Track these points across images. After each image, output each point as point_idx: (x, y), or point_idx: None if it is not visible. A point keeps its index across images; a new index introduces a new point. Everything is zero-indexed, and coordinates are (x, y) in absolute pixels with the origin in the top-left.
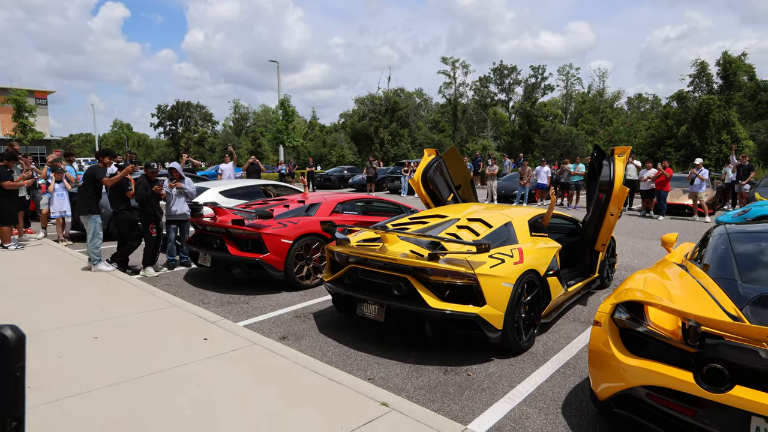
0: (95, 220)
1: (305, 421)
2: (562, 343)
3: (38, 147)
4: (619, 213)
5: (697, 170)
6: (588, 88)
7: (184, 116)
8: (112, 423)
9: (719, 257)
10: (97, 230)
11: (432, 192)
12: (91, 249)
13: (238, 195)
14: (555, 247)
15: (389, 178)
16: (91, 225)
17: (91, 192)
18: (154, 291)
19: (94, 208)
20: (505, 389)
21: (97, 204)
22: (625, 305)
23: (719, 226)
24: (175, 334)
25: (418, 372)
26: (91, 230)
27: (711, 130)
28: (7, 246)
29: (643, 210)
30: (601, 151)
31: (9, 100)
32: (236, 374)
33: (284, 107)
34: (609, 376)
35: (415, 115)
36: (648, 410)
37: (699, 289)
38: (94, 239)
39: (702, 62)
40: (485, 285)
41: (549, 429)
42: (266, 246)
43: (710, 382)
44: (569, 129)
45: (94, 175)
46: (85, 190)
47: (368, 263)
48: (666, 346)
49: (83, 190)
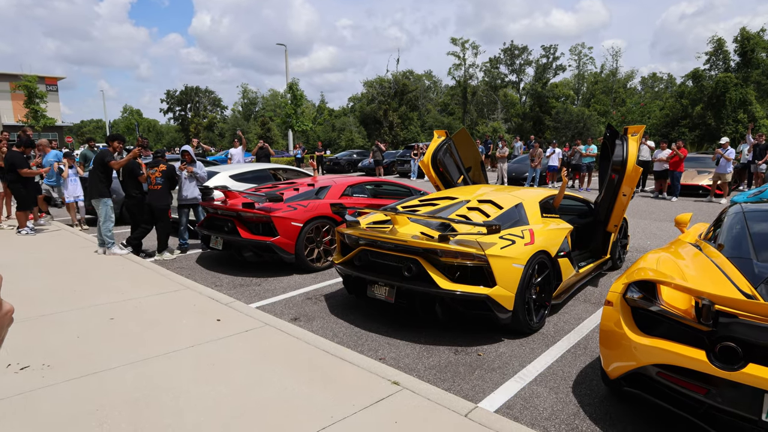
0: (106, 204)
1: (317, 398)
2: (573, 323)
3: (50, 133)
4: (632, 193)
5: (722, 150)
6: (601, 68)
7: (193, 101)
8: (129, 400)
9: (734, 236)
10: (108, 214)
11: (442, 174)
12: (104, 232)
13: (248, 179)
14: (566, 228)
15: (398, 161)
16: (102, 208)
17: (102, 176)
18: (168, 274)
19: (104, 192)
20: (516, 369)
21: (107, 188)
22: (637, 284)
23: (734, 205)
24: (189, 315)
25: (429, 352)
26: (102, 214)
27: (727, 109)
28: (21, 230)
29: (656, 191)
30: (614, 131)
31: (20, 87)
32: (249, 353)
33: (293, 91)
34: (620, 355)
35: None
36: (659, 389)
37: (713, 268)
38: (106, 222)
39: (719, 39)
40: (496, 266)
41: (559, 408)
42: (277, 229)
43: (723, 361)
44: (581, 110)
45: (104, 158)
46: (96, 174)
47: (378, 245)
48: (678, 325)
49: (94, 174)
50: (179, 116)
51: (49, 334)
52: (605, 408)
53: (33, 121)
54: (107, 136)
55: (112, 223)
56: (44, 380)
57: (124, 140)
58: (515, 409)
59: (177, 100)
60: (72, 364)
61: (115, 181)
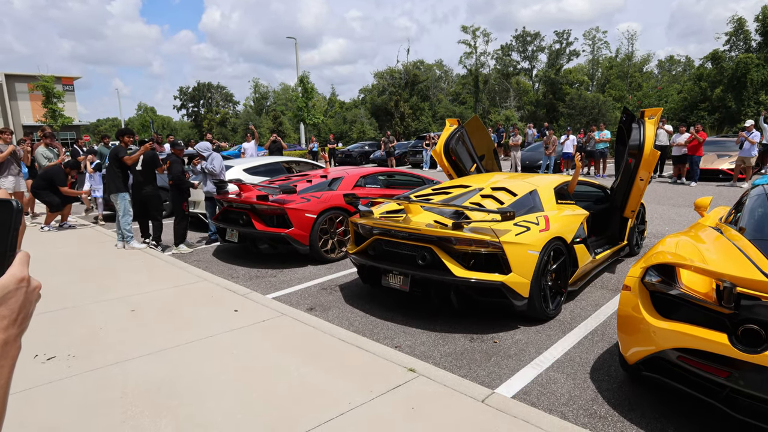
0: (124, 198)
1: (335, 385)
2: (590, 310)
3: (68, 132)
4: (649, 178)
5: (747, 133)
6: (616, 52)
7: (205, 97)
8: (150, 389)
9: (757, 218)
10: (126, 208)
11: (454, 163)
12: (123, 226)
13: (261, 172)
14: (582, 214)
15: (410, 152)
16: (120, 203)
17: (118, 171)
18: (185, 266)
19: (121, 187)
20: (532, 356)
21: (124, 182)
22: (655, 268)
23: (756, 188)
24: (207, 306)
25: (444, 340)
26: (121, 208)
27: (748, 91)
28: (43, 227)
29: (675, 177)
30: (631, 114)
31: (38, 87)
32: (267, 343)
33: (303, 84)
34: (639, 340)
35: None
36: (679, 373)
37: (735, 250)
38: (125, 216)
39: (739, 18)
40: (510, 253)
41: (577, 393)
42: (291, 221)
43: (746, 344)
44: (596, 96)
45: (117, 154)
46: (112, 169)
47: (392, 234)
48: (699, 309)
49: (110, 170)
50: (192, 112)
51: (73, 326)
52: (624, 393)
53: (51, 120)
54: (117, 132)
55: (130, 217)
56: (70, 370)
57: (133, 134)
58: (532, 395)
59: (190, 97)
60: (96, 354)
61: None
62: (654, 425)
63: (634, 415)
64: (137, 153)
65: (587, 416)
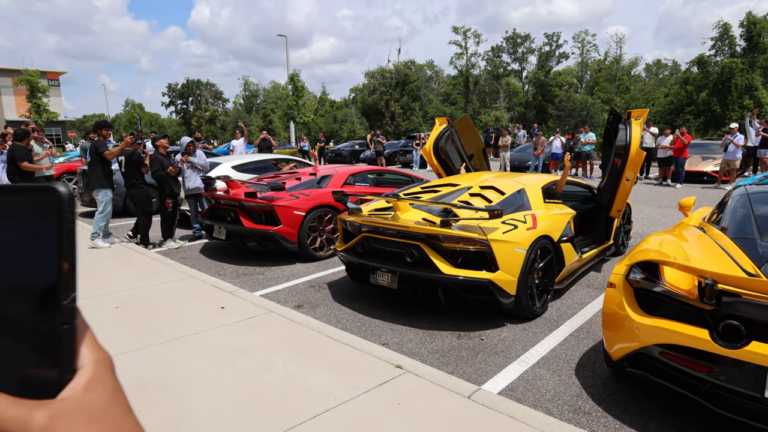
0: (106, 195)
1: (321, 382)
2: (576, 308)
3: (53, 128)
4: (635, 178)
5: (731, 136)
6: (604, 55)
7: (194, 94)
8: (134, 386)
9: (739, 217)
10: (107, 205)
11: (444, 162)
12: (97, 221)
13: (250, 169)
14: (569, 213)
15: (401, 151)
16: (101, 199)
17: (100, 167)
18: (172, 264)
19: (104, 183)
20: (518, 352)
21: (107, 178)
22: (640, 266)
23: (739, 188)
24: (194, 303)
25: (432, 337)
26: (102, 204)
27: (733, 95)
28: None
29: (660, 178)
30: (617, 115)
31: (22, 82)
32: (253, 339)
33: (294, 83)
34: (623, 336)
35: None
36: (662, 369)
37: (717, 249)
38: (102, 213)
39: (725, 24)
40: (498, 250)
41: (562, 389)
42: (279, 218)
43: (726, 339)
44: (584, 98)
45: (98, 149)
46: (94, 165)
47: (381, 231)
48: (681, 305)
49: (92, 165)
50: (181, 109)
51: None
52: (608, 389)
53: (36, 115)
54: (94, 125)
55: (108, 215)
56: None
57: (111, 127)
58: (518, 391)
59: (178, 94)
60: None
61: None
62: (637, 420)
63: (617, 411)
64: (118, 148)
65: (572, 412)
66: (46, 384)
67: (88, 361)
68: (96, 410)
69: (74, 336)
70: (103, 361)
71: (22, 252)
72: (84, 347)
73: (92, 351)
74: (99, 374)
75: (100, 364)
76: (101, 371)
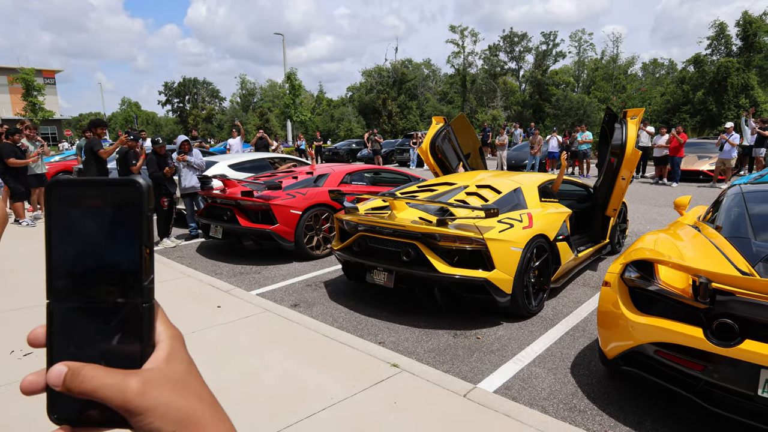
0: None
1: (317, 381)
2: (572, 307)
3: (49, 126)
4: (631, 177)
5: (727, 135)
6: (601, 54)
7: (191, 93)
8: None
9: (733, 217)
10: None
11: (440, 161)
12: None
13: (247, 168)
14: (565, 212)
15: (398, 150)
16: None
17: (96, 165)
18: (168, 262)
19: None
20: (514, 351)
21: (102, 175)
22: (634, 264)
23: (733, 187)
24: (190, 302)
25: (428, 336)
26: None
27: (729, 94)
28: (21, 221)
29: (656, 177)
30: (613, 114)
31: (18, 80)
32: (250, 338)
33: (291, 81)
34: (618, 335)
35: (424, 87)
36: (656, 367)
37: (711, 248)
38: None
39: (721, 23)
40: (494, 249)
41: (557, 388)
42: (276, 217)
43: (720, 337)
44: (581, 97)
45: (93, 147)
46: (89, 164)
47: (377, 230)
48: (676, 304)
49: (88, 164)
50: (177, 108)
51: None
52: (603, 387)
53: (31, 114)
54: (89, 123)
55: None
56: None
57: (106, 125)
58: (514, 389)
59: (175, 92)
60: None
61: (114, 172)
62: (632, 418)
63: (612, 409)
64: (113, 146)
65: (567, 410)
66: (131, 356)
67: (164, 336)
68: (178, 379)
69: (153, 314)
70: (176, 336)
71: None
72: (159, 324)
73: (166, 327)
74: (175, 348)
75: (174, 338)
76: (176, 345)
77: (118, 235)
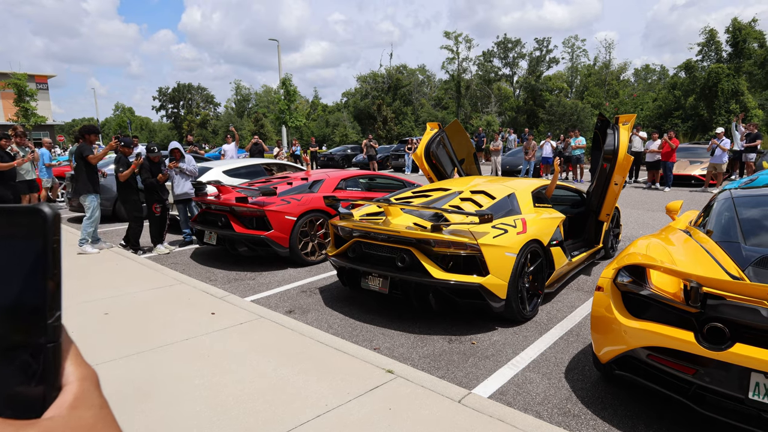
0: (93, 200)
1: (312, 387)
2: (566, 311)
3: (41, 132)
4: (623, 182)
5: (718, 140)
6: (594, 60)
7: (185, 99)
8: (124, 392)
9: (723, 221)
10: (94, 210)
11: (435, 166)
12: (85, 228)
13: (241, 174)
14: (558, 217)
15: (393, 156)
16: (89, 204)
17: (86, 172)
18: (162, 269)
19: (89, 188)
20: (509, 356)
21: (92, 183)
22: (627, 269)
23: (724, 191)
24: (184, 309)
25: (423, 342)
26: (89, 209)
27: (720, 99)
28: None
29: (649, 182)
30: (606, 120)
31: (9, 85)
32: (244, 345)
33: (286, 87)
34: (611, 339)
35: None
36: (649, 371)
37: (702, 252)
38: (90, 219)
39: (711, 30)
40: (488, 255)
41: (552, 392)
42: (270, 223)
43: (711, 341)
44: (575, 103)
45: (83, 153)
46: (80, 169)
47: (372, 236)
48: (668, 308)
49: (78, 171)
50: (172, 114)
51: None
52: (597, 392)
53: (23, 119)
54: (80, 130)
55: (96, 221)
56: None
57: (98, 132)
58: (508, 394)
59: (169, 98)
60: None
61: (111, 178)
62: (626, 423)
63: (606, 414)
64: (102, 152)
65: (561, 415)
66: (32, 402)
67: (73, 378)
68: (82, 427)
69: (59, 354)
70: (88, 377)
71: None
72: (69, 364)
73: (77, 367)
74: (84, 391)
75: (85, 380)
76: (86, 387)
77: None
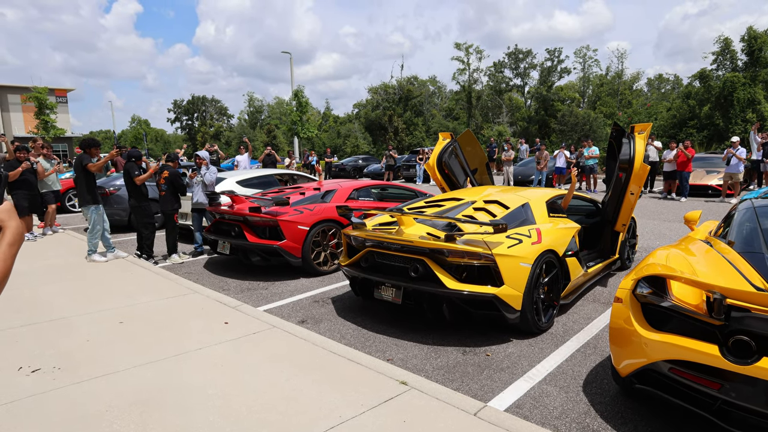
0: (95, 211)
1: (325, 398)
2: (583, 323)
3: (60, 144)
4: (640, 192)
5: (734, 149)
6: (606, 70)
7: (199, 110)
8: (138, 401)
9: (746, 231)
10: (96, 221)
11: (447, 176)
12: (89, 240)
13: (255, 184)
14: (574, 227)
15: (404, 166)
16: (90, 215)
17: (86, 182)
18: (176, 278)
19: (89, 199)
20: (525, 369)
21: (92, 193)
22: (647, 280)
23: (745, 201)
24: (197, 318)
25: (437, 353)
26: (91, 221)
27: (735, 109)
28: (27, 236)
29: (665, 192)
30: (621, 129)
31: (31, 98)
32: (257, 355)
33: (298, 98)
34: (631, 352)
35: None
36: (671, 385)
37: (724, 263)
38: (93, 230)
39: (726, 39)
40: (503, 265)
41: (569, 406)
42: (283, 233)
43: (737, 355)
44: (587, 112)
45: (82, 161)
46: (80, 180)
47: (385, 246)
48: (690, 320)
49: (79, 181)
50: (186, 125)
51: (59, 337)
52: (616, 406)
53: (43, 131)
54: (81, 144)
55: (100, 231)
56: (55, 382)
57: (99, 145)
58: (525, 408)
59: (184, 110)
60: (82, 366)
61: (123, 189)
62: None
63: (626, 429)
64: (102, 160)
65: (580, 429)
66: None
67: None
68: None
69: None
70: None
71: None
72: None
73: None
74: None
75: None
76: None
77: None
